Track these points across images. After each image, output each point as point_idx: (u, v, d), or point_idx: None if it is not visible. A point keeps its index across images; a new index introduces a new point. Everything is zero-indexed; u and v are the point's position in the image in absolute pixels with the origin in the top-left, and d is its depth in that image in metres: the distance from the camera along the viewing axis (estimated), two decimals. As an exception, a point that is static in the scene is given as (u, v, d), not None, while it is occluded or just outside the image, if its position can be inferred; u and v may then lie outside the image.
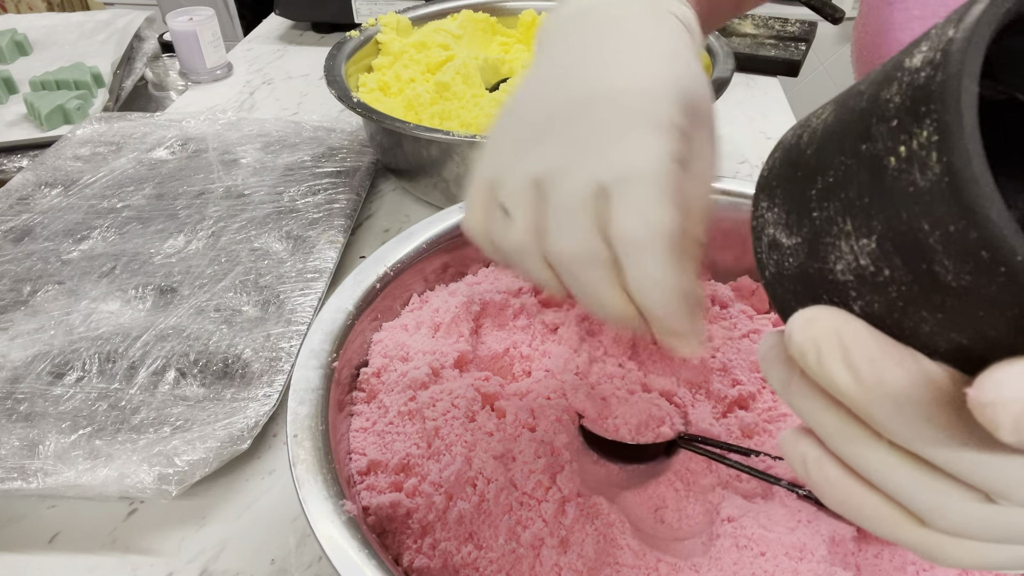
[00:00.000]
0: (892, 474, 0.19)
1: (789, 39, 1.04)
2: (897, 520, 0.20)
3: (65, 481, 0.44)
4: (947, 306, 0.16)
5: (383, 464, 0.39)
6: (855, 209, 0.18)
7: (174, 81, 1.06)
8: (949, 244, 0.16)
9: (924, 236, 0.16)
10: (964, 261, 0.15)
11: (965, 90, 0.15)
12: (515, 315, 0.48)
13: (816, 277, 0.19)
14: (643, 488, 0.41)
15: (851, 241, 0.18)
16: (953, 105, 0.15)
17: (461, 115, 0.71)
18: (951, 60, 0.16)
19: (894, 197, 0.16)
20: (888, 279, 0.17)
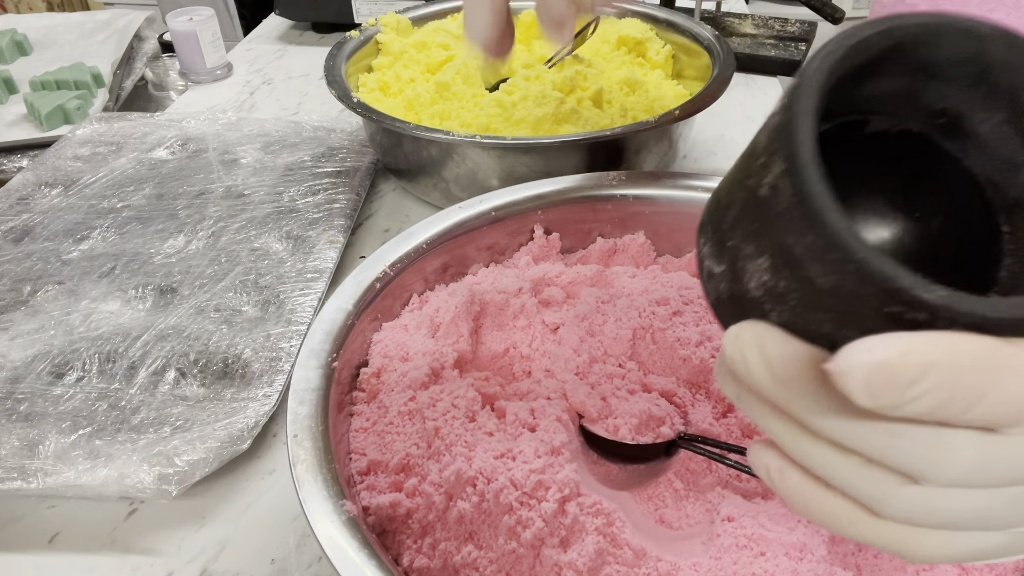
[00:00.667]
0: (835, 469, 0.21)
1: (789, 39, 1.04)
2: (856, 516, 0.21)
3: (65, 481, 0.44)
4: (828, 305, 0.19)
5: (383, 464, 0.39)
6: (751, 235, 0.21)
7: (174, 81, 1.06)
8: (810, 252, 0.19)
9: (794, 248, 0.19)
10: (823, 264, 0.19)
11: (800, 125, 0.19)
12: (515, 315, 0.48)
13: (740, 298, 0.22)
14: (643, 488, 0.41)
15: (754, 262, 0.21)
16: (792, 138, 0.19)
17: (461, 115, 0.71)
18: (789, 103, 0.20)
19: (771, 220, 0.20)
20: (785, 289, 0.20)
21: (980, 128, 0.22)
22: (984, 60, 0.21)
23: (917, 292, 0.17)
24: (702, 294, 0.45)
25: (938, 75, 0.22)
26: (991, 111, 0.22)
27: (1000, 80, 0.21)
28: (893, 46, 0.21)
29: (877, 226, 0.25)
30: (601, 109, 0.73)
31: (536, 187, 0.53)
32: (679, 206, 0.53)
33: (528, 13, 0.91)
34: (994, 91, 0.22)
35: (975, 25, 0.21)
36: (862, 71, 0.22)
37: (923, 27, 0.21)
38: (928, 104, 0.23)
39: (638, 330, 0.45)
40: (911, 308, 0.18)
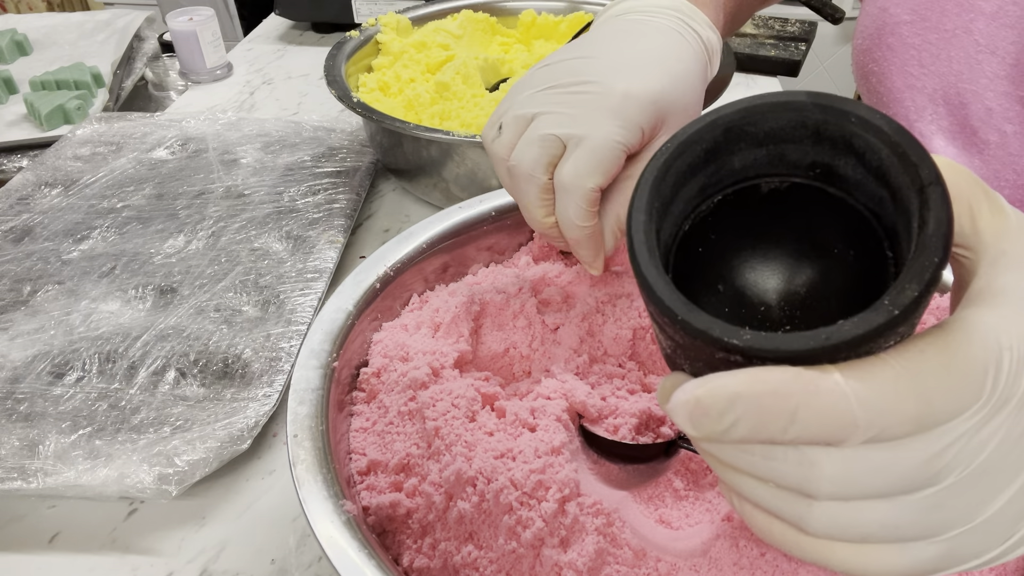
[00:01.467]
0: (755, 492, 0.24)
1: (789, 39, 1.04)
2: (796, 536, 0.24)
3: (65, 481, 0.44)
4: (692, 356, 0.23)
5: (383, 464, 0.39)
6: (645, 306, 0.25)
7: (174, 81, 1.06)
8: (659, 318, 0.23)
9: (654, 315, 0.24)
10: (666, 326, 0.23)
11: (634, 220, 0.24)
12: (515, 315, 0.48)
13: (664, 354, 0.27)
14: (643, 488, 0.41)
15: (654, 327, 0.26)
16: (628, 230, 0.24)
17: (461, 115, 0.71)
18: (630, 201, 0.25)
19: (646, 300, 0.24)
20: (670, 347, 0.25)
21: (846, 172, 0.25)
22: (811, 125, 0.24)
23: (726, 338, 0.21)
24: None
25: (787, 140, 0.25)
26: (843, 158, 0.25)
27: (831, 134, 0.24)
28: (723, 132, 0.25)
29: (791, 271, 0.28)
30: (601, 109, 0.72)
31: (536, 187, 0.53)
32: (679, 206, 0.53)
33: (528, 13, 0.91)
34: (833, 143, 0.24)
35: (790, 99, 0.24)
36: (712, 156, 0.26)
37: (746, 111, 0.25)
38: (798, 161, 0.26)
39: (638, 330, 0.45)
40: (729, 351, 0.21)
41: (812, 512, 0.22)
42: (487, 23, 0.91)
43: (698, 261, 0.27)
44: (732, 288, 0.28)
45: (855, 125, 0.23)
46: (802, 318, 0.27)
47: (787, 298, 0.27)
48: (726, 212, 0.27)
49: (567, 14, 0.91)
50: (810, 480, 0.22)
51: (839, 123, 0.24)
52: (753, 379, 0.21)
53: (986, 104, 0.47)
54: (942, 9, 0.48)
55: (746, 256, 0.28)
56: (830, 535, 0.23)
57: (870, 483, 0.21)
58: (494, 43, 0.92)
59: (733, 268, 0.28)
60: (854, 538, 0.23)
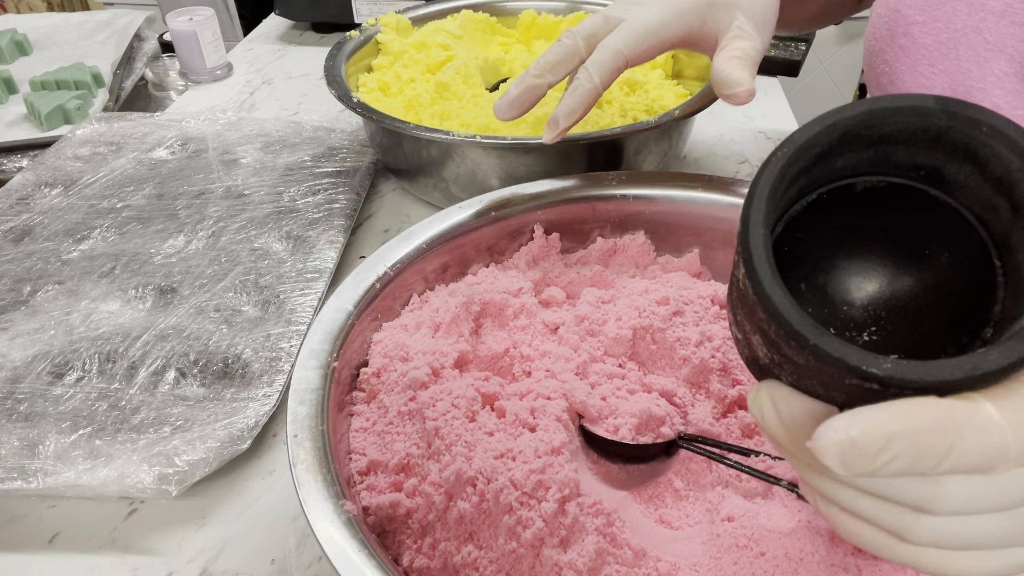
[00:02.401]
0: (857, 504, 0.24)
1: (789, 39, 1.04)
2: (889, 543, 0.24)
3: (65, 481, 0.44)
4: (811, 375, 0.23)
5: (383, 464, 0.39)
6: (745, 315, 0.25)
7: (174, 81, 1.06)
8: (779, 338, 0.22)
9: (768, 333, 0.23)
10: (790, 348, 0.22)
11: (752, 235, 0.23)
12: (515, 315, 0.48)
13: (756, 362, 0.26)
14: (643, 488, 0.41)
15: (754, 336, 0.25)
16: (746, 247, 0.23)
17: (461, 115, 0.71)
18: (743, 212, 0.23)
19: (751, 308, 0.24)
20: (779, 361, 0.24)
21: (955, 177, 0.25)
22: (933, 130, 0.24)
23: (864, 367, 0.20)
24: (702, 295, 0.46)
25: (900, 142, 0.25)
26: (958, 164, 0.24)
27: (954, 140, 0.24)
28: (839, 139, 0.24)
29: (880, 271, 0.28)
30: (601, 109, 0.73)
31: (536, 187, 0.53)
32: (679, 206, 0.53)
33: (528, 13, 0.91)
34: (953, 149, 0.24)
35: (917, 103, 0.24)
36: (823, 156, 0.25)
37: (867, 115, 0.24)
38: (903, 162, 0.25)
39: (638, 330, 0.45)
40: (864, 380, 0.21)
41: (919, 523, 0.22)
42: (487, 23, 0.91)
43: (783, 260, 0.26)
44: (815, 287, 0.27)
45: (985, 135, 0.23)
46: (888, 320, 0.27)
47: (872, 299, 0.27)
48: (819, 210, 0.27)
49: (567, 14, 0.91)
50: (934, 499, 0.22)
51: (966, 131, 0.23)
52: (909, 416, 0.20)
53: (993, 101, 0.47)
54: (952, 9, 0.49)
55: (832, 255, 0.28)
56: (934, 544, 0.23)
57: (995, 501, 0.22)
58: (494, 43, 0.92)
59: (817, 267, 0.28)
60: (958, 547, 0.23)
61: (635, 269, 0.53)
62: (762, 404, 0.24)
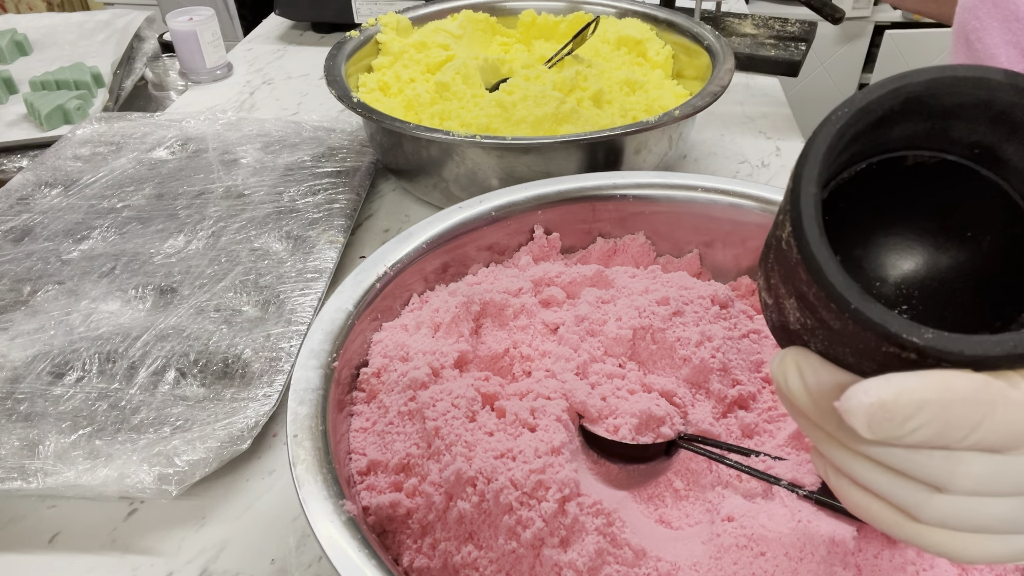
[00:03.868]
0: (873, 479, 0.23)
1: (789, 39, 1.04)
2: (897, 519, 0.24)
3: (65, 481, 0.44)
4: (844, 342, 0.22)
5: (383, 464, 0.39)
6: (782, 278, 0.24)
7: (174, 81, 1.06)
8: (819, 300, 0.22)
9: (807, 295, 0.22)
10: (829, 311, 0.22)
11: (803, 193, 0.22)
12: (515, 315, 0.48)
13: (785, 327, 0.26)
14: (643, 488, 0.41)
15: (788, 300, 0.24)
16: (795, 205, 0.22)
17: (461, 115, 0.71)
18: (795, 169, 0.23)
19: (791, 269, 0.23)
20: (812, 326, 0.23)
21: (1012, 157, 0.24)
22: (998, 105, 0.23)
23: (904, 334, 0.20)
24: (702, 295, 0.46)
25: (960, 117, 0.24)
26: (1017, 144, 0.24)
27: (1018, 118, 0.23)
28: (901, 104, 0.23)
29: (919, 250, 0.27)
30: (601, 109, 0.73)
31: (536, 187, 0.53)
32: (679, 206, 0.53)
33: (528, 13, 0.91)
34: (1014, 128, 0.23)
35: (985, 75, 0.23)
36: (881, 122, 0.24)
37: (933, 82, 0.23)
38: (959, 139, 0.25)
39: (638, 330, 0.45)
40: (903, 348, 0.20)
41: (931, 502, 0.22)
42: (487, 23, 0.91)
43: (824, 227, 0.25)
44: (851, 260, 0.27)
45: None
46: (920, 300, 0.26)
47: (907, 278, 0.27)
48: (864, 181, 0.26)
49: (567, 14, 0.91)
50: (954, 476, 0.22)
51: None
52: (943, 385, 0.20)
53: None
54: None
55: (872, 229, 0.27)
56: (944, 523, 0.23)
57: (1014, 483, 0.22)
58: (494, 43, 0.92)
59: (856, 240, 0.27)
60: (968, 530, 0.23)
61: (635, 269, 0.53)
62: (787, 369, 0.24)
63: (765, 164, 0.81)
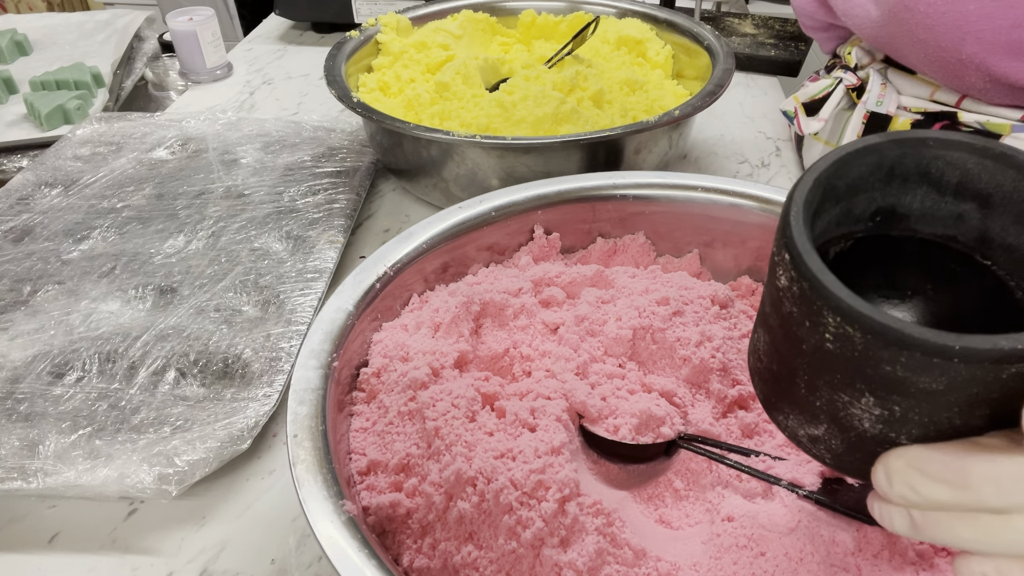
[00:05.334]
0: None
1: (789, 39, 1.04)
2: None
3: (65, 481, 0.44)
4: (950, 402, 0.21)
5: (383, 464, 0.39)
6: (838, 386, 0.23)
7: (174, 81, 1.06)
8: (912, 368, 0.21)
9: (894, 372, 0.21)
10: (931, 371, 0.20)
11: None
12: (515, 315, 0.48)
13: (861, 441, 0.24)
14: (643, 488, 0.41)
15: (856, 405, 0.23)
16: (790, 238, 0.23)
17: (461, 115, 0.71)
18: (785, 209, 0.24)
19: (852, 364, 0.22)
20: (903, 411, 0.22)
21: (911, 206, 0.26)
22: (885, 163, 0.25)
23: (1020, 345, 0.20)
24: (702, 295, 0.46)
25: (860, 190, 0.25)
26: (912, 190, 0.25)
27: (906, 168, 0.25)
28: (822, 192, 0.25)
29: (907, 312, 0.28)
30: (601, 109, 0.73)
31: (536, 187, 0.53)
32: (679, 206, 0.53)
33: (528, 13, 0.91)
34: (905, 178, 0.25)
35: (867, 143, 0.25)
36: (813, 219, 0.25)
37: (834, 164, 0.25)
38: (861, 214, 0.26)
39: (638, 330, 0.45)
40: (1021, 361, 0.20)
41: None
42: (487, 23, 0.91)
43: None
44: None
45: (933, 148, 0.24)
46: None
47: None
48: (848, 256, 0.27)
49: (567, 14, 0.91)
50: None
51: (915, 152, 0.24)
52: None
53: None
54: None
55: None
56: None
57: None
58: (494, 43, 0.92)
59: None
60: None
61: (635, 269, 0.53)
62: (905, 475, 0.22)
63: (765, 164, 0.81)
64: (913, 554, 0.35)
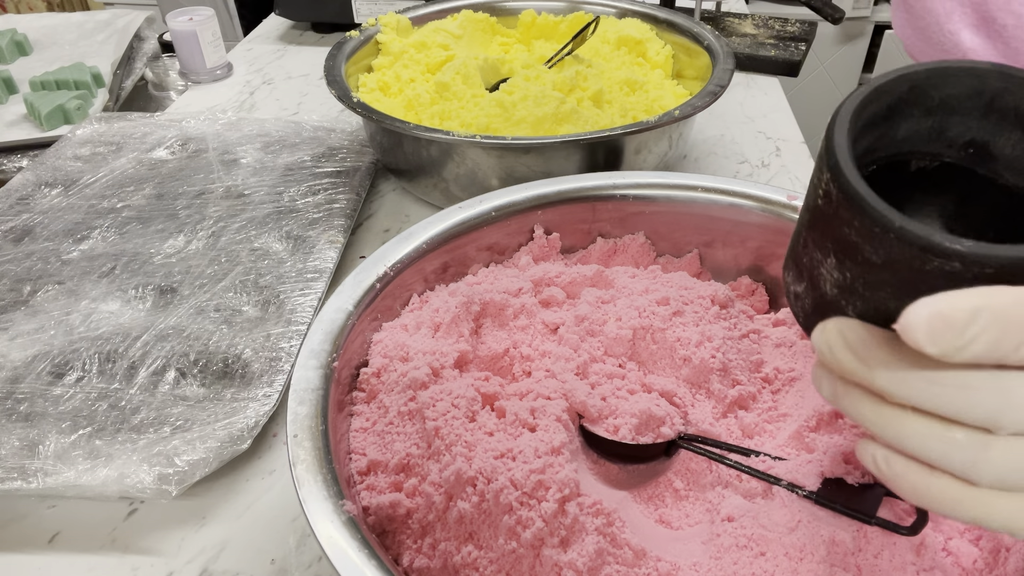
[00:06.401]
0: (925, 441, 0.23)
1: (789, 39, 1.04)
2: (960, 493, 0.24)
3: (65, 481, 0.44)
4: (886, 279, 0.23)
5: (383, 464, 0.39)
6: (816, 243, 0.26)
7: (174, 81, 1.06)
8: (861, 234, 0.23)
9: (849, 236, 0.24)
10: (872, 241, 0.23)
11: (838, 139, 0.24)
12: (515, 315, 0.48)
13: (821, 303, 0.26)
14: (643, 488, 0.41)
15: (824, 265, 0.26)
16: (832, 150, 0.24)
17: (461, 115, 0.71)
18: (827, 132, 0.25)
19: (828, 223, 0.25)
20: (852, 278, 0.24)
21: (1004, 151, 0.26)
22: (987, 92, 0.25)
23: (948, 244, 0.21)
24: (702, 295, 0.46)
25: (956, 110, 0.26)
26: (1008, 133, 0.25)
27: (1005, 105, 0.25)
28: (908, 89, 0.26)
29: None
30: (601, 109, 0.73)
31: (536, 187, 0.53)
32: (679, 206, 0.53)
33: (528, 13, 0.91)
34: (1003, 116, 0.25)
35: (973, 65, 0.25)
36: (890, 113, 0.26)
37: (931, 72, 0.25)
38: (956, 138, 0.27)
39: (638, 330, 0.45)
40: (947, 259, 0.21)
41: (988, 454, 0.22)
42: (487, 23, 0.91)
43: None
44: None
45: None
46: None
47: None
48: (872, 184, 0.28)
49: (567, 14, 0.91)
50: (1004, 407, 0.22)
51: (1018, 92, 0.25)
52: (991, 294, 0.21)
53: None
54: None
55: None
56: (1002, 480, 0.23)
57: None
58: (494, 43, 0.92)
59: None
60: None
61: (635, 269, 0.53)
62: (830, 336, 0.24)
63: (765, 164, 0.81)
64: (913, 554, 0.35)
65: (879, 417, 0.24)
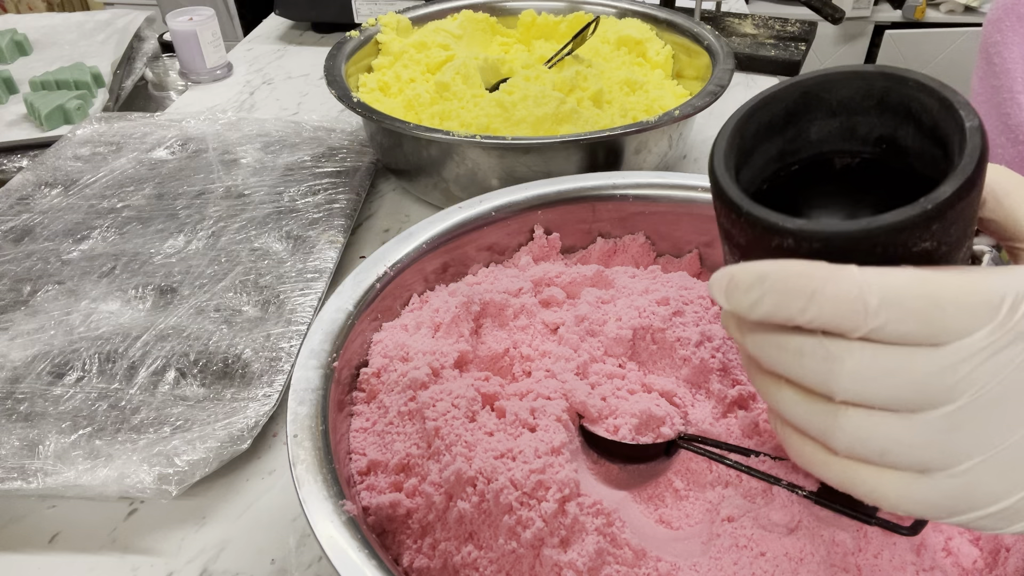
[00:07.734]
0: (793, 407, 0.26)
1: (789, 39, 1.04)
2: (824, 456, 0.26)
3: (65, 481, 0.44)
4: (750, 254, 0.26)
5: (383, 464, 0.39)
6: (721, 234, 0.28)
7: (174, 81, 1.06)
8: (728, 219, 0.26)
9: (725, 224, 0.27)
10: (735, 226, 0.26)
11: (716, 147, 0.28)
12: (515, 315, 0.48)
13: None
14: (643, 488, 0.41)
15: (724, 249, 0.29)
16: (712, 154, 0.28)
17: (461, 115, 0.71)
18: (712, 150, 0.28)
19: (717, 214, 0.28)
20: (730, 257, 0.28)
21: (908, 142, 0.27)
22: (875, 92, 0.27)
23: (782, 223, 0.24)
24: (702, 295, 0.46)
25: (856, 110, 0.28)
26: (904, 127, 0.27)
27: (893, 102, 0.27)
28: (800, 95, 0.28)
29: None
30: (601, 109, 0.73)
31: (536, 187, 0.53)
32: (679, 206, 0.53)
33: (528, 13, 0.91)
34: (895, 112, 0.27)
35: (857, 69, 0.27)
36: (791, 117, 0.29)
37: (818, 79, 0.28)
38: (867, 135, 0.28)
39: (638, 330, 0.45)
40: (783, 236, 0.24)
41: (838, 423, 0.24)
42: (487, 23, 0.91)
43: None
44: None
45: (912, 88, 0.26)
46: None
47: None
48: (800, 181, 0.30)
49: (567, 14, 0.91)
50: (832, 374, 0.23)
51: (899, 89, 0.26)
52: (782, 263, 0.24)
53: None
54: None
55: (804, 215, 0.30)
56: (852, 450, 0.24)
57: (886, 386, 0.23)
58: (494, 43, 0.92)
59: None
60: (874, 454, 0.24)
61: (635, 269, 0.53)
62: (712, 284, 0.27)
63: (765, 164, 0.81)
64: (913, 554, 0.35)
65: (761, 384, 0.27)
